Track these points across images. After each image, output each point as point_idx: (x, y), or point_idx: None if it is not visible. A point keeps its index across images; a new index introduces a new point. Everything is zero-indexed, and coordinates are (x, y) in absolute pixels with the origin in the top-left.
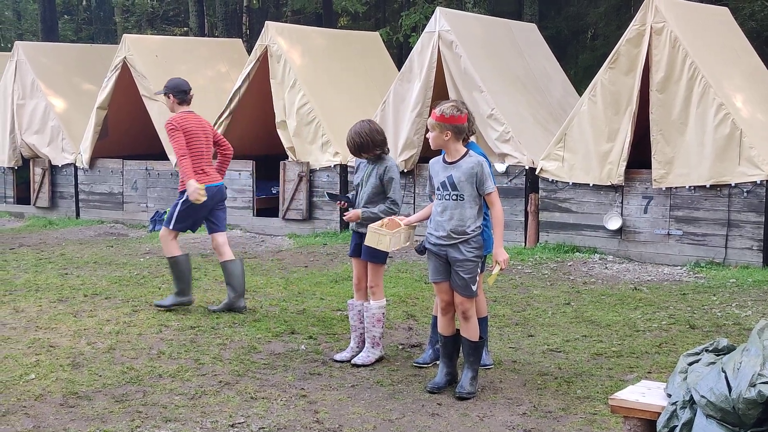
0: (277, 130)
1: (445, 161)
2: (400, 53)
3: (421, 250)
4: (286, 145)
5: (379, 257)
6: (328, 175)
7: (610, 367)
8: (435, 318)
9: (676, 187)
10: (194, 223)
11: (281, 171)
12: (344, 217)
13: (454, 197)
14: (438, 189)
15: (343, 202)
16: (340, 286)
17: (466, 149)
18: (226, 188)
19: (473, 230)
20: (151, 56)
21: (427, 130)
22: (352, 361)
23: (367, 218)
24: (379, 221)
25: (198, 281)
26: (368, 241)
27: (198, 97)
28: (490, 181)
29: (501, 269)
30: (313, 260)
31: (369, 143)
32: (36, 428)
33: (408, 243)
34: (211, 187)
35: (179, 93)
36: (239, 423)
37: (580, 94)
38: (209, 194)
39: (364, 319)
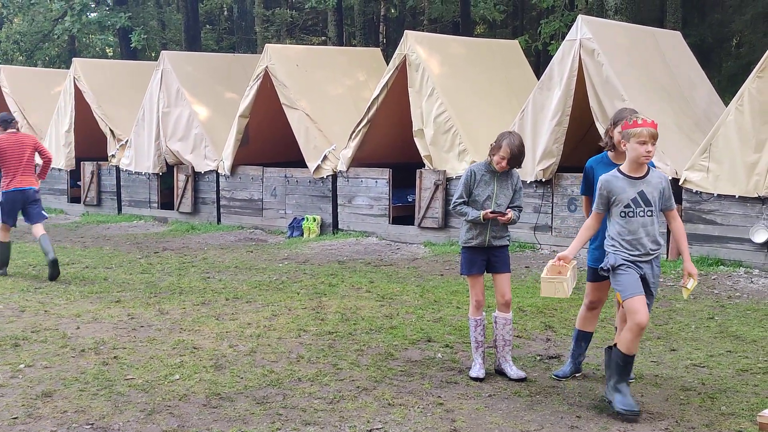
0: (414, 138)
1: (627, 176)
2: (538, 61)
3: (608, 269)
4: (422, 153)
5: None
6: None
7: (756, 383)
8: (578, 332)
9: None
10: (10, 217)
11: (417, 179)
12: (502, 220)
13: (649, 213)
14: (628, 206)
15: (503, 214)
16: None
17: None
18: (38, 191)
19: (662, 245)
20: (291, 65)
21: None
22: (515, 377)
23: (514, 222)
24: (546, 270)
25: (335, 287)
26: (545, 292)
27: (336, 105)
28: (672, 196)
29: (695, 282)
30: (449, 268)
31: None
32: (180, 427)
33: (575, 279)
34: (16, 190)
35: (2, 123)
36: (377, 428)
37: (725, 103)
38: (13, 197)
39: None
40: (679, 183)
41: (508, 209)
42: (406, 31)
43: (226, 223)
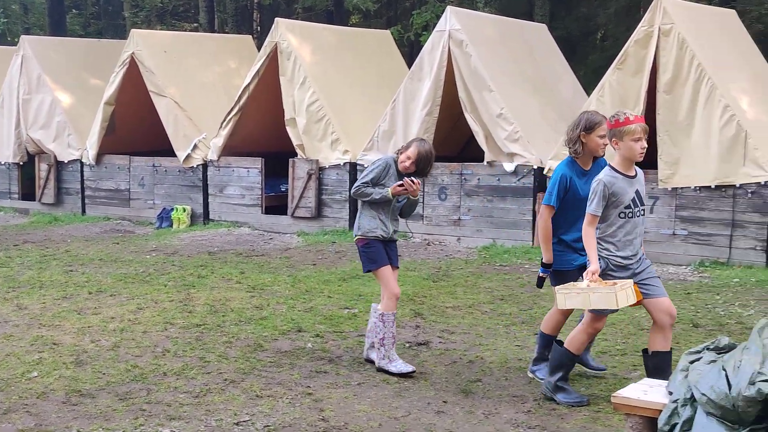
0: (287, 127)
1: (625, 175)
2: (411, 52)
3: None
4: (295, 142)
5: None
6: (337, 173)
7: (614, 365)
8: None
9: (681, 188)
10: None
11: (290, 169)
12: (413, 189)
13: (643, 212)
14: (628, 206)
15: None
16: (348, 284)
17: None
18: None
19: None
20: (159, 52)
21: (578, 141)
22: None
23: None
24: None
25: (205, 279)
26: (613, 304)
27: (207, 93)
28: None
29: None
30: (322, 258)
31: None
32: (38, 426)
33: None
34: None
35: None
36: (244, 421)
37: (590, 95)
38: None
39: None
40: (544, 172)
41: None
42: (277, 18)
43: (91, 214)
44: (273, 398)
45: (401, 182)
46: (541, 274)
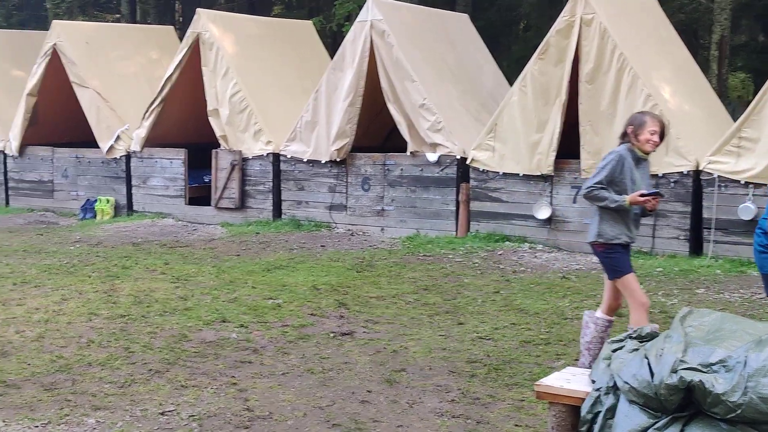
0: (209, 118)
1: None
2: (333, 42)
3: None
4: (218, 133)
5: None
6: (260, 164)
7: (538, 354)
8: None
9: None
10: None
11: (213, 159)
12: (652, 204)
13: None
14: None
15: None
16: (272, 275)
17: None
18: None
19: None
20: (81, 43)
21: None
22: None
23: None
24: None
25: (129, 269)
26: None
27: (129, 84)
28: None
29: None
30: (246, 249)
31: None
32: None
33: None
34: None
35: None
36: (169, 411)
37: (512, 84)
38: None
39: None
40: (467, 162)
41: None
42: (198, 9)
43: (14, 206)
44: (198, 388)
45: (642, 192)
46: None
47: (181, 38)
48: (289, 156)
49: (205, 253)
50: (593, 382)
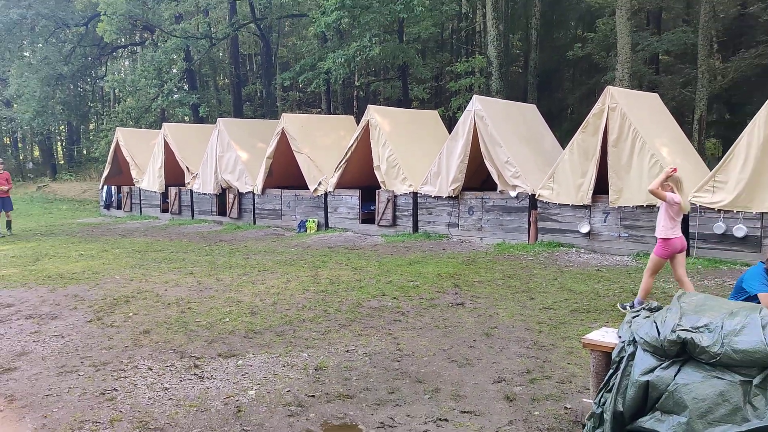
0: (375, 171)
1: None
2: (450, 123)
3: None
4: (380, 180)
5: None
6: (405, 198)
7: (583, 319)
8: None
9: (624, 206)
10: None
11: (377, 196)
12: None
13: None
14: None
15: None
16: (412, 267)
17: None
18: (9, 197)
19: None
20: (299, 126)
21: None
22: None
23: None
24: None
25: (326, 263)
26: None
27: (327, 151)
28: None
29: None
30: (396, 251)
31: None
32: (229, 351)
33: None
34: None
35: None
36: (351, 349)
37: (563, 148)
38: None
39: None
40: (536, 197)
41: None
42: (369, 105)
43: (259, 224)
44: (368, 336)
45: None
46: None
47: (357, 123)
48: (422, 193)
49: (372, 253)
50: (620, 337)
